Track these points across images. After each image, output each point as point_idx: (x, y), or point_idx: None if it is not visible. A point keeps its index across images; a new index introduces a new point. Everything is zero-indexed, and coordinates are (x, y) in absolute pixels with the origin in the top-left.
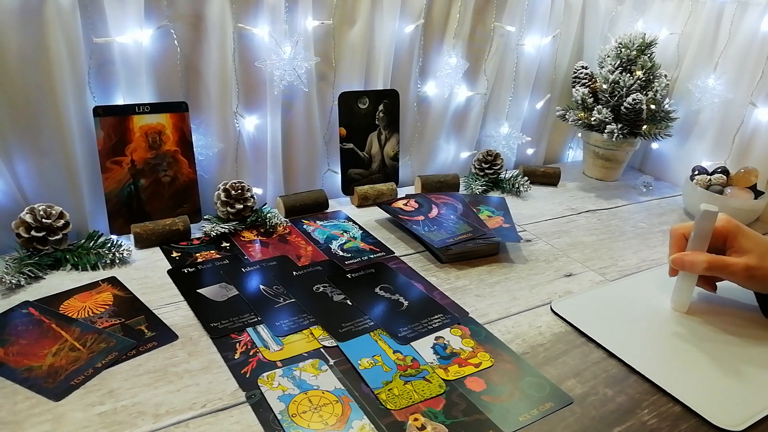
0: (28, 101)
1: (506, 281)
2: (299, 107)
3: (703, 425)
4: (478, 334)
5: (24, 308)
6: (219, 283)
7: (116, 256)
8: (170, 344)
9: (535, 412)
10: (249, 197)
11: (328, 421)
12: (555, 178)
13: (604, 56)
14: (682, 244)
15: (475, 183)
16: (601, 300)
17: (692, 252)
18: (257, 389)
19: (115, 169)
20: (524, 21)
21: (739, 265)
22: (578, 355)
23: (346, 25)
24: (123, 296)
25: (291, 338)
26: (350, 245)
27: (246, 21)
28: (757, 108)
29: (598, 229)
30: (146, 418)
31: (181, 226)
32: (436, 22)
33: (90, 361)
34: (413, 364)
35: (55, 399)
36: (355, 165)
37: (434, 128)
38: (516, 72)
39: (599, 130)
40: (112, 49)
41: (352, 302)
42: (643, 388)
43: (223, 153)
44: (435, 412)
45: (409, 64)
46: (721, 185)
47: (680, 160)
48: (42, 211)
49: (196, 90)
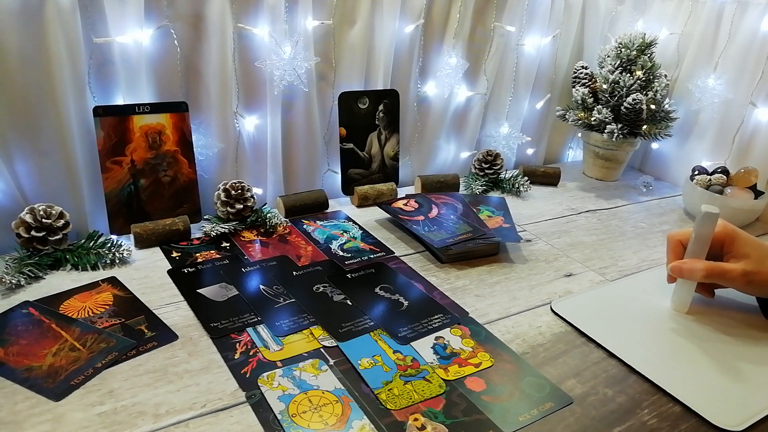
0: (28, 101)
1: (506, 281)
2: (299, 107)
3: (703, 425)
4: (478, 334)
5: (24, 308)
6: (219, 283)
7: (116, 256)
8: (170, 344)
9: (535, 412)
10: (249, 197)
11: (328, 421)
12: (555, 178)
13: (604, 56)
14: (679, 251)
15: (475, 183)
16: (601, 300)
17: (690, 260)
18: (257, 389)
19: (115, 169)
20: (524, 21)
21: (737, 271)
22: (578, 355)
23: (346, 25)
24: (123, 296)
25: (291, 338)
26: (350, 245)
27: (246, 21)
28: (757, 108)
29: (598, 229)
30: (146, 418)
31: (181, 226)
32: (436, 22)
33: (90, 361)
34: (413, 364)
35: (55, 399)
36: (355, 165)
37: (434, 128)
38: (516, 72)
39: (599, 130)
40: (112, 49)
41: (352, 302)
42: (643, 388)
43: (223, 153)
44: (435, 412)
45: (409, 64)
46: (721, 185)
47: (680, 160)
48: (42, 211)
49: (196, 90)
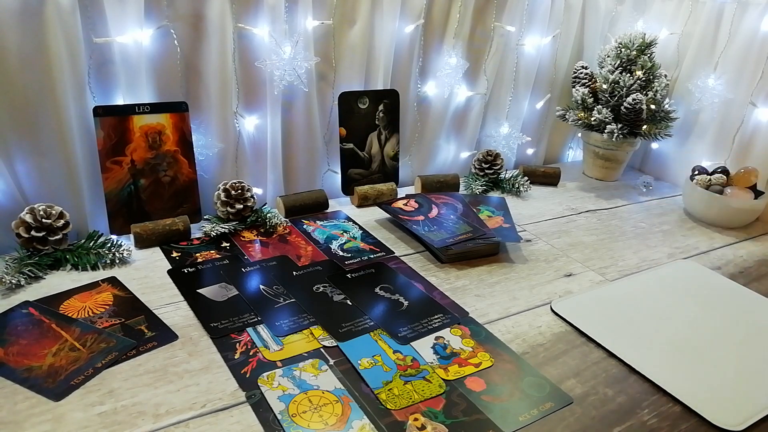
0: (28, 101)
1: (506, 281)
2: (299, 107)
3: (703, 425)
4: (478, 334)
5: (24, 308)
6: (219, 283)
7: (116, 256)
8: (170, 344)
9: (535, 412)
10: (249, 197)
11: (328, 421)
12: (555, 178)
13: (604, 56)
14: None
15: (475, 183)
16: (601, 300)
17: None
18: (257, 389)
19: (115, 169)
20: (524, 21)
21: None
22: (578, 355)
23: (346, 25)
24: (123, 296)
25: (291, 338)
26: (350, 245)
27: (246, 21)
28: (757, 108)
29: (598, 229)
30: (146, 418)
31: (181, 226)
32: (436, 22)
33: (90, 361)
34: (413, 364)
35: (55, 399)
36: (355, 165)
37: (434, 128)
38: (516, 72)
39: (599, 130)
40: (112, 49)
41: (352, 302)
42: (643, 388)
43: (223, 153)
44: (435, 412)
45: (409, 64)
46: (721, 185)
47: (680, 160)
48: (42, 211)
49: (196, 90)
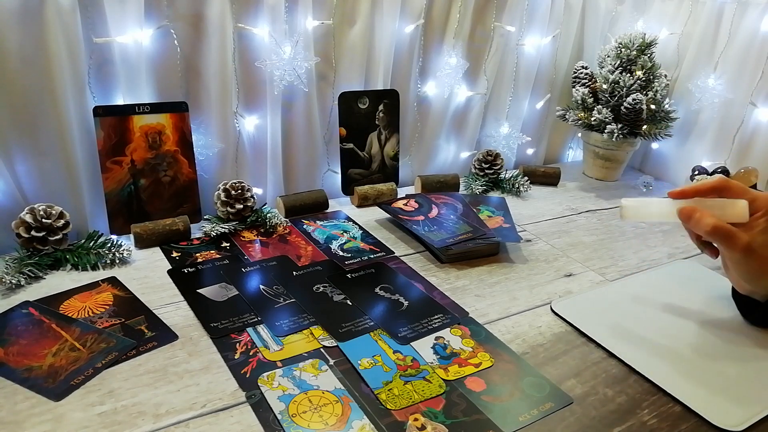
0: (28, 101)
1: (506, 281)
2: (299, 107)
3: (703, 425)
4: (478, 334)
5: (24, 308)
6: (219, 283)
7: (116, 256)
8: (170, 344)
9: (535, 412)
10: (249, 197)
11: (328, 421)
12: (555, 178)
13: (604, 56)
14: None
15: (475, 183)
16: (601, 300)
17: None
18: (257, 389)
19: (115, 169)
20: (524, 21)
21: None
22: (578, 355)
23: (346, 25)
24: (123, 296)
25: (291, 338)
26: (350, 245)
27: (246, 21)
28: (757, 108)
29: (598, 229)
30: (146, 418)
31: (181, 226)
32: (436, 22)
33: (90, 361)
34: (413, 364)
35: (55, 399)
36: (355, 165)
37: (434, 128)
38: (516, 72)
39: (599, 130)
40: (112, 49)
41: (352, 302)
42: (643, 388)
43: (223, 153)
44: (435, 412)
45: (409, 64)
46: None
47: (680, 160)
48: (42, 211)
49: (196, 90)
